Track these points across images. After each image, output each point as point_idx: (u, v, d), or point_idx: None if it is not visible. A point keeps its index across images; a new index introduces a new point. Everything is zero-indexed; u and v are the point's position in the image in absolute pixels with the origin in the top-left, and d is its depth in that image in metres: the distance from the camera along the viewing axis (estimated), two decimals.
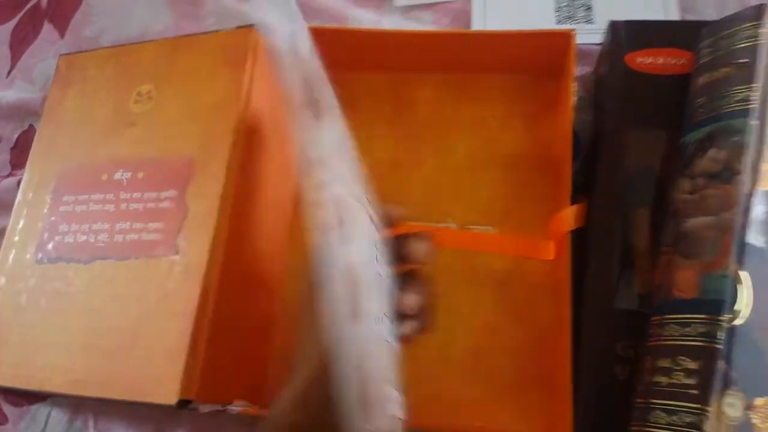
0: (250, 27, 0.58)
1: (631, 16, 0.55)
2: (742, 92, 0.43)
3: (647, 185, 0.48)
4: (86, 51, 0.67)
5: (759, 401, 0.37)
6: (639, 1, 0.61)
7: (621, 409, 0.42)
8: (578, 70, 0.60)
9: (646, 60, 0.50)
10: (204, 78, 0.58)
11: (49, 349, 0.55)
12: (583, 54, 0.59)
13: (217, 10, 0.68)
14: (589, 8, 0.62)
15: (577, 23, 0.62)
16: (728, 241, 0.39)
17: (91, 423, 0.56)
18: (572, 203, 0.49)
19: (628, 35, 0.51)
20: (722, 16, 0.58)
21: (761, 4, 0.45)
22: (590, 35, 0.59)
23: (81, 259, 0.56)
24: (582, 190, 0.51)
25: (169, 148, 0.57)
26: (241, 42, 0.58)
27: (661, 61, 0.50)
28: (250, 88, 0.56)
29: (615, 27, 0.52)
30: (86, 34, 0.71)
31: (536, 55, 0.56)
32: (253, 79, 0.56)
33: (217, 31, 0.62)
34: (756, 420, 0.37)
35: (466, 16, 0.64)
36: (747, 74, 0.43)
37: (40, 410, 0.56)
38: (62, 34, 0.72)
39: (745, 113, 0.42)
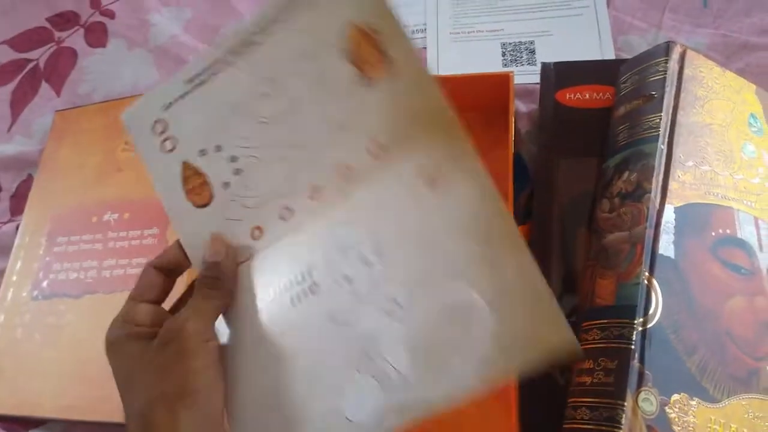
0: None
1: (571, 56, 0.61)
2: (652, 120, 0.48)
3: (583, 208, 0.53)
4: (79, 106, 0.74)
5: (675, 397, 0.41)
6: (578, 42, 0.67)
7: (561, 411, 0.46)
8: (525, 106, 0.65)
9: (574, 96, 0.56)
10: None
11: (42, 377, 0.59)
12: (528, 92, 0.65)
13: None
14: (532, 52, 0.68)
15: (522, 65, 0.67)
16: (640, 253, 0.44)
17: None
18: None
19: (557, 74, 0.57)
20: None
21: (668, 42, 0.50)
22: (534, 76, 0.64)
23: (72, 294, 0.62)
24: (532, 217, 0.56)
25: (153, 190, 0.63)
26: None
27: (587, 96, 0.56)
28: None
29: (545, 68, 0.58)
30: (80, 91, 0.77)
31: (483, 95, 0.61)
32: None
33: None
34: (672, 414, 0.41)
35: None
36: (655, 104, 0.48)
37: None
38: (58, 93, 0.78)
39: (653, 139, 0.47)
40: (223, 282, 0.39)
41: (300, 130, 0.41)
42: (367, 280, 0.39)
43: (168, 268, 0.42)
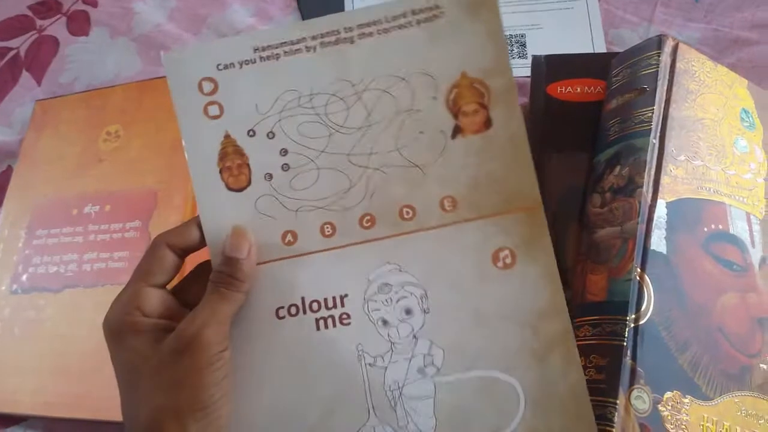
0: None
1: (562, 50, 0.60)
2: (643, 114, 0.47)
3: (574, 203, 0.52)
4: (60, 96, 0.72)
5: (668, 395, 0.41)
6: (569, 36, 0.66)
7: None
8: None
9: (564, 89, 0.55)
10: (167, 117, 0.63)
11: (21, 373, 0.58)
12: (519, 85, 0.64)
13: None
14: (523, 45, 0.67)
15: (513, 58, 0.67)
16: (632, 248, 0.43)
17: None
18: None
19: (548, 68, 0.56)
20: None
21: (660, 35, 0.50)
22: (525, 69, 0.64)
23: (52, 288, 0.60)
24: None
25: (135, 182, 0.61)
26: None
27: (578, 89, 0.55)
28: None
29: (536, 61, 0.57)
30: (61, 80, 0.76)
31: None
32: None
33: None
34: (665, 412, 0.40)
35: None
36: (647, 98, 0.48)
37: None
38: (39, 82, 0.76)
39: (645, 133, 0.46)
40: (240, 283, 0.37)
41: (369, 149, 0.38)
42: (405, 330, 0.37)
43: (181, 247, 0.39)
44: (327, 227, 0.38)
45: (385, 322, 0.37)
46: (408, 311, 0.37)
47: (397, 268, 0.38)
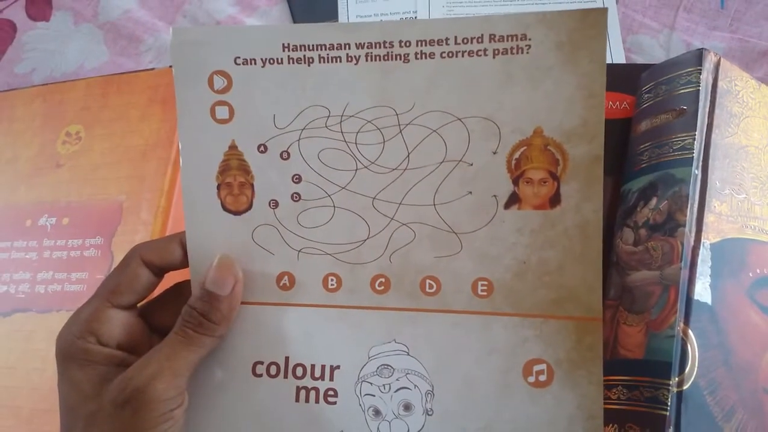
0: None
1: None
2: (683, 140, 0.41)
3: None
4: (15, 89, 0.64)
5: None
6: None
7: None
8: None
9: None
10: (136, 119, 0.55)
11: None
12: None
13: (157, 46, 0.66)
14: None
15: None
16: (674, 298, 0.38)
17: None
18: None
19: None
20: (667, 56, 0.58)
21: (701, 49, 0.44)
22: None
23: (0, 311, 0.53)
24: None
25: (97, 192, 0.54)
26: None
27: None
28: None
29: None
30: (17, 71, 0.68)
31: None
32: None
33: (152, 69, 0.59)
34: None
35: None
36: (687, 121, 0.42)
37: None
38: None
39: (686, 162, 0.41)
40: (214, 326, 0.31)
41: (399, 197, 0.31)
42: (399, 429, 0.31)
43: (159, 265, 0.33)
44: (331, 279, 0.32)
45: (376, 413, 0.31)
46: (407, 407, 0.31)
47: (405, 351, 0.31)
